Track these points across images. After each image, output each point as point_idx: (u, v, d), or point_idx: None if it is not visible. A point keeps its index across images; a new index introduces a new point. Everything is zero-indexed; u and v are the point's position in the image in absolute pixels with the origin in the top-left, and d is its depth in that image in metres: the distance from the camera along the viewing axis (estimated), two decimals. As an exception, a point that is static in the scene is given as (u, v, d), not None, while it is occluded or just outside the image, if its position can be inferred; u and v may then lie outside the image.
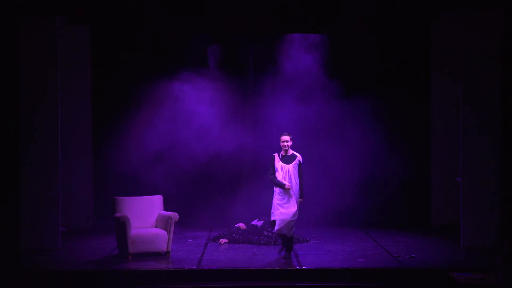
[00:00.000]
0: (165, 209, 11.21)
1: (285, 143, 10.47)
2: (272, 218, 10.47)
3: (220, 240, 11.73)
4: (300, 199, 10.49)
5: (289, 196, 10.36)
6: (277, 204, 10.41)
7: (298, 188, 10.42)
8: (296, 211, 10.35)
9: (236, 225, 12.25)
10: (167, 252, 10.66)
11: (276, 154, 10.56)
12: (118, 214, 10.60)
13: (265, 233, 11.86)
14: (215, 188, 13.34)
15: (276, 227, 10.38)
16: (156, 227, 10.96)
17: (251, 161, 13.55)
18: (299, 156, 10.52)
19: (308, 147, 13.30)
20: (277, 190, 10.44)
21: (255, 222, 12.12)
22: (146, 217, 11.02)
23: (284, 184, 10.32)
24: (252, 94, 13.50)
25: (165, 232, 10.67)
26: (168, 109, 13.15)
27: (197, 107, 13.14)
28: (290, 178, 10.39)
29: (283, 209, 10.33)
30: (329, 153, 13.30)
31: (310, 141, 13.30)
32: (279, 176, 10.40)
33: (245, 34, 13.09)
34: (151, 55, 13.22)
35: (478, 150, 10.97)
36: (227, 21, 11.65)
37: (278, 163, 10.46)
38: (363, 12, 11.40)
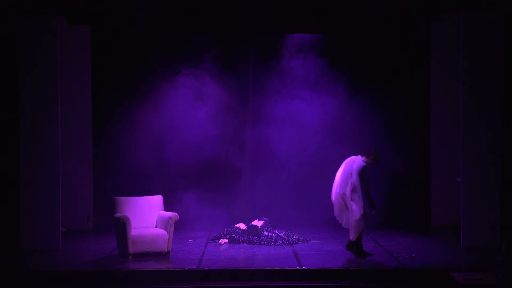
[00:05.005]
0: (165, 209, 11.22)
1: None
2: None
3: (220, 240, 11.74)
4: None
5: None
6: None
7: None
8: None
9: (236, 225, 12.25)
10: (167, 252, 10.66)
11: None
12: (118, 214, 10.60)
13: (265, 233, 11.87)
14: (215, 188, 13.34)
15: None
16: (156, 227, 10.97)
17: (251, 160, 13.55)
18: None
19: (307, 146, 13.33)
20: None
21: (255, 222, 12.12)
22: (146, 217, 11.02)
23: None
24: (253, 93, 13.50)
25: (165, 232, 10.67)
26: (169, 109, 13.15)
27: (197, 106, 13.14)
28: None
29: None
30: (328, 153, 13.29)
31: (309, 140, 13.30)
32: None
33: (245, 34, 13.09)
34: (151, 54, 13.21)
35: (478, 150, 10.97)
36: (228, 21, 11.65)
37: None
38: (364, 11, 11.40)
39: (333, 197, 10.60)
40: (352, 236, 10.35)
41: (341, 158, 13.23)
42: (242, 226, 12.18)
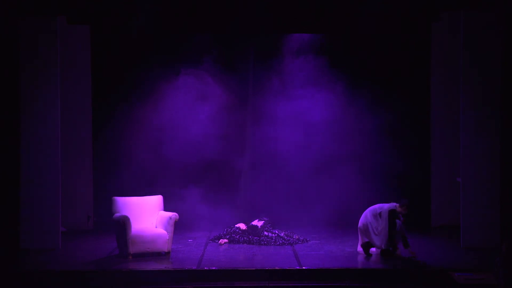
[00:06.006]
0: (165, 209, 11.22)
1: None
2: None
3: (220, 240, 11.73)
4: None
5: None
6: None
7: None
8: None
9: (236, 225, 12.25)
10: (167, 252, 10.65)
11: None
12: (118, 215, 10.60)
13: (265, 233, 11.86)
14: (215, 188, 13.34)
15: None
16: (156, 227, 10.96)
17: (252, 160, 13.55)
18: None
19: (307, 146, 13.33)
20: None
21: (255, 222, 12.12)
22: (146, 217, 11.02)
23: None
24: (253, 93, 13.50)
25: (165, 232, 10.67)
26: (169, 109, 13.15)
27: (197, 106, 13.14)
28: None
29: None
30: (329, 152, 13.30)
31: (309, 140, 13.30)
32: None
33: (245, 34, 13.10)
34: (151, 54, 13.20)
35: (478, 150, 10.97)
36: (228, 21, 11.65)
37: None
38: (364, 11, 11.40)
39: (359, 224, 10.79)
40: (384, 245, 10.56)
41: (341, 158, 13.33)
42: (242, 226, 12.18)
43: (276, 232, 11.92)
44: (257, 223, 12.08)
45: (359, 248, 10.81)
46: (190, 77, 13.13)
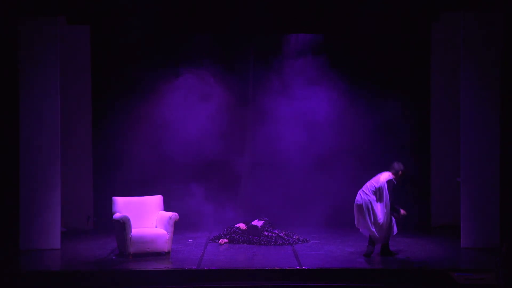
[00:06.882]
0: (165, 209, 11.22)
1: None
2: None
3: (220, 240, 11.74)
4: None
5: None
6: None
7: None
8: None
9: (236, 225, 12.25)
10: (167, 252, 10.66)
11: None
12: (118, 215, 10.60)
13: (265, 233, 11.87)
14: (215, 188, 13.34)
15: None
16: (156, 227, 10.97)
17: (252, 160, 13.55)
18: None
19: (307, 146, 13.33)
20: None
21: (255, 222, 12.12)
22: (146, 217, 11.03)
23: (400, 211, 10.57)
24: (253, 93, 13.51)
25: (165, 232, 10.67)
26: (169, 109, 13.15)
27: (197, 106, 13.14)
28: None
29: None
30: (328, 152, 13.30)
31: (309, 140, 13.30)
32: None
33: (245, 34, 13.10)
34: (151, 54, 13.21)
35: (478, 150, 10.98)
36: (228, 21, 11.65)
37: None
38: (364, 11, 11.40)
39: (357, 201, 10.75)
40: (381, 241, 10.53)
41: (341, 158, 13.32)
42: (242, 226, 12.18)
43: (276, 232, 11.92)
44: (257, 223, 12.08)
45: (358, 226, 10.76)
46: (190, 77, 13.13)
